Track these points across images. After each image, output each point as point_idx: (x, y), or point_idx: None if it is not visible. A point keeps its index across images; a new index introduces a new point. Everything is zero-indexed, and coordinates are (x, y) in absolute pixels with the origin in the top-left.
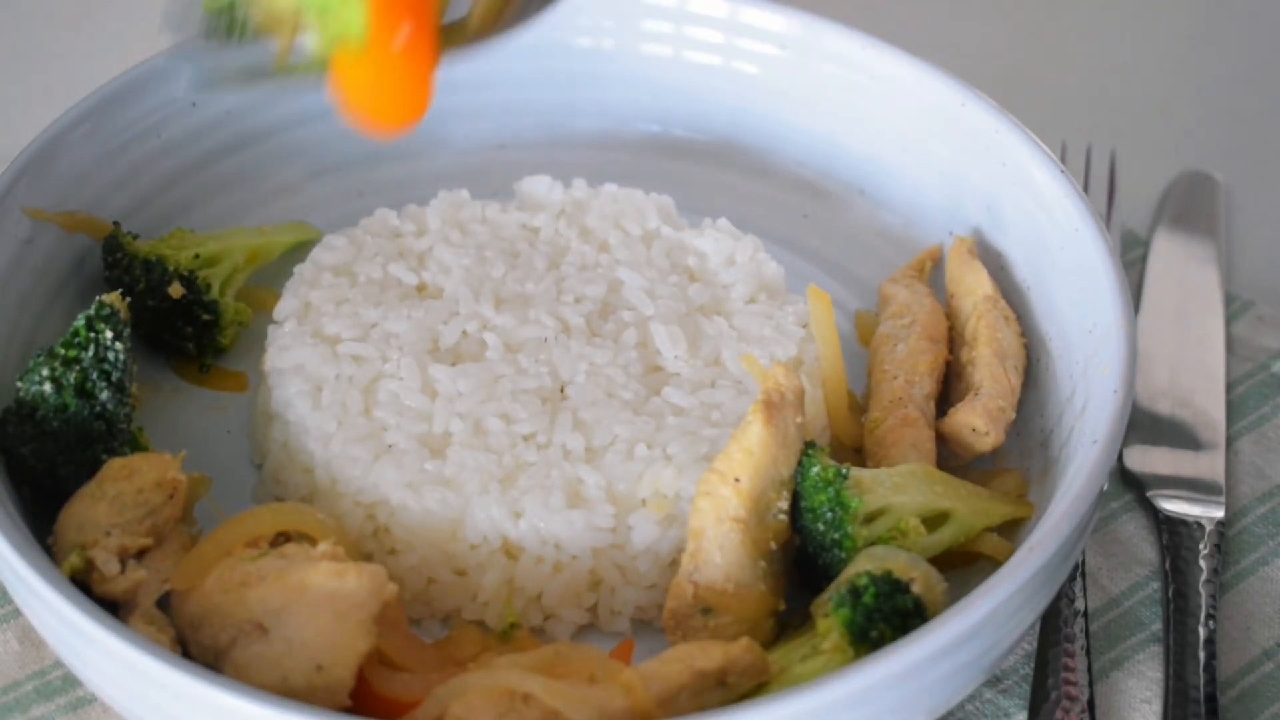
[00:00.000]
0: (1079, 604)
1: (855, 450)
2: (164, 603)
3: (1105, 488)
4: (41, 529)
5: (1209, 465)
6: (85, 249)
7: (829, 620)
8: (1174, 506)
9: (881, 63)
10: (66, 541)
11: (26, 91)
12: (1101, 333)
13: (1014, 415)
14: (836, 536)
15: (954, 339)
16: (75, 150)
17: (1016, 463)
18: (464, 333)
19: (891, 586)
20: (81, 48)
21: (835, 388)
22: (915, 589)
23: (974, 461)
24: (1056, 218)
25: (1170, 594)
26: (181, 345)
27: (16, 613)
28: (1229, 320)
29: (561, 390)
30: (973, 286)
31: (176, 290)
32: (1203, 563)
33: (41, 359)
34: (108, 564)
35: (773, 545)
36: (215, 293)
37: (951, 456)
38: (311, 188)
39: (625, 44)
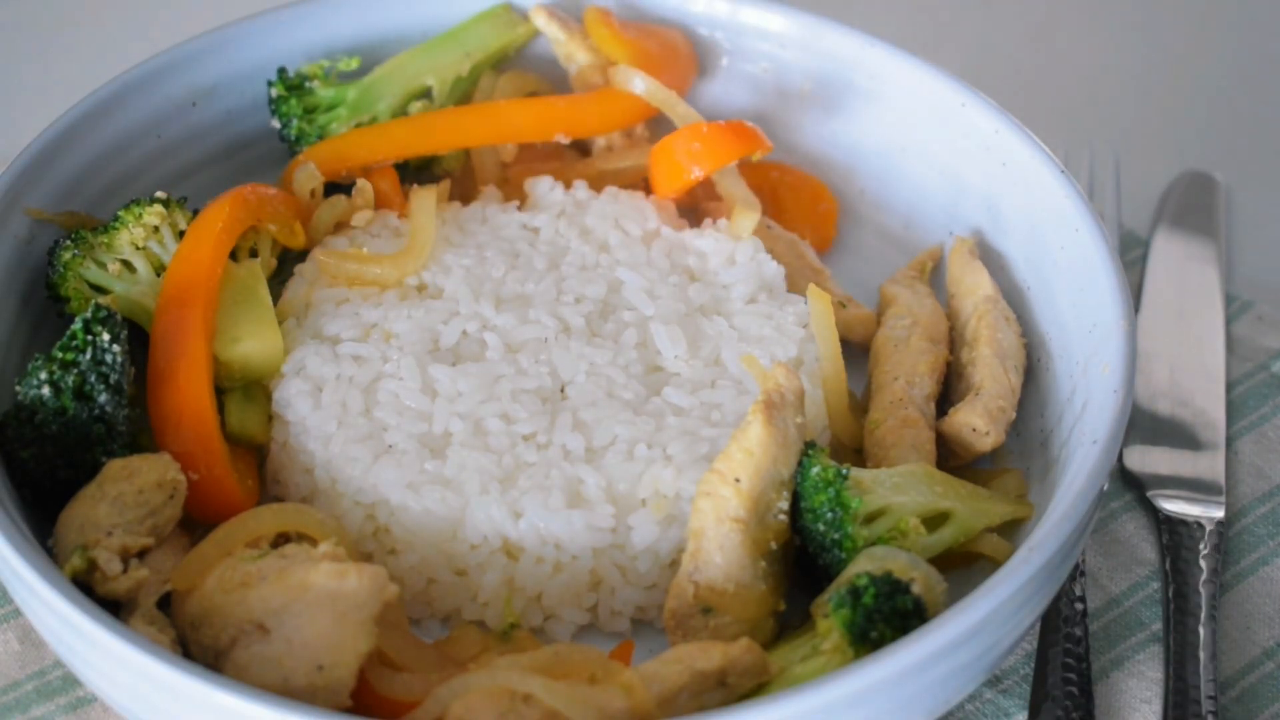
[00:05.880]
0: (1079, 604)
1: (855, 450)
2: (164, 603)
3: (1105, 488)
4: (41, 530)
5: (1209, 465)
6: None
7: (829, 620)
8: (1174, 506)
9: (881, 63)
10: (67, 542)
11: (26, 91)
12: (1101, 333)
13: (1014, 415)
14: (836, 537)
15: (954, 339)
16: (75, 150)
17: (1016, 463)
18: (464, 333)
19: (891, 587)
20: (81, 48)
21: (835, 388)
22: (915, 589)
23: (974, 461)
24: (1056, 218)
25: (1170, 594)
26: None
27: (16, 613)
28: (1229, 320)
29: (561, 390)
30: (973, 287)
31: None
32: (1203, 563)
33: (40, 362)
34: (110, 563)
35: (773, 545)
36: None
37: (951, 456)
38: None
39: None
